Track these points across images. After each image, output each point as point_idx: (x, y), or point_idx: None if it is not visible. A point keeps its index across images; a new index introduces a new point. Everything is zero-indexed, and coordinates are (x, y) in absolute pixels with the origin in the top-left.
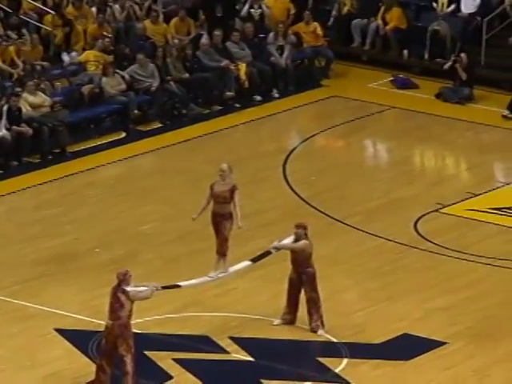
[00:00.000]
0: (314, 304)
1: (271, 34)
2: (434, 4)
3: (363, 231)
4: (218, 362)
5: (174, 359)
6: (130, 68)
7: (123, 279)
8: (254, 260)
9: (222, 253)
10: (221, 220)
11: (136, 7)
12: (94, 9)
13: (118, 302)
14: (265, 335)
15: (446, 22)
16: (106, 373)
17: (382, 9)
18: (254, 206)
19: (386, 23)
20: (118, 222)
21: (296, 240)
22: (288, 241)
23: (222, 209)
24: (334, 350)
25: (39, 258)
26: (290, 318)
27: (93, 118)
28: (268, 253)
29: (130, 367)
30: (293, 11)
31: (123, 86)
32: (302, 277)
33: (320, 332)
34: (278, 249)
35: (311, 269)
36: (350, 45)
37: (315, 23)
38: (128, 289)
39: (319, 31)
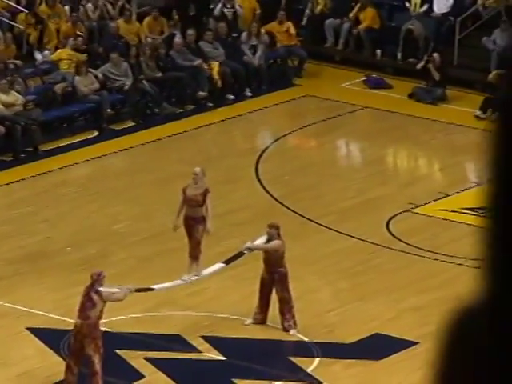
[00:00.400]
0: (285, 304)
1: (244, 34)
2: (407, 4)
3: (336, 231)
4: (190, 361)
5: (146, 358)
6: (103, 67)
7: (97, 279)
8: (227, 262)
9: (194, 256)
10: (193, 224)
11: (109, 6)
12: (67, 7)
13: (91, 301)
14: (237, 334)
15: (419, 22)
16: (74, 373)
17: (356, 8)
18: (226, 205)
19: (358, 22)
20: (90, 221)
21: (269, 240)
22: (261, 241)
23: (195, 212)
24: (305, 349)
25: (11, 256)
26: (261, 317)
27: (66, 117)
28: (241, 254)
29: (98, 367)
30: (258, 11)
31: (96, 85)
32: (274, 276)
33: (292, 332)
34: (251, 249)
35: (283, 269)
36: (323, 44)
37: (288, 23)
38: (101, 289)
39: (292, 31)
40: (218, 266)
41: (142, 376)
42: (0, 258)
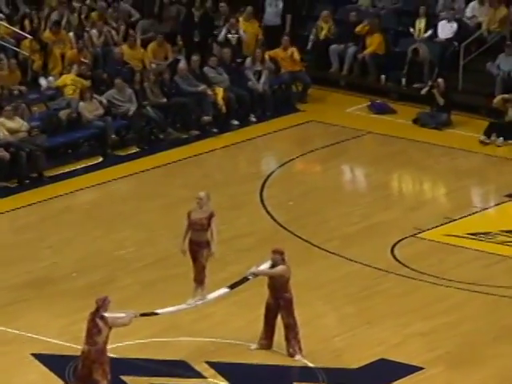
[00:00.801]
0: (291, 330)
1: (248, 59)
2: (412, 29)
3: (341, 256)
4: None
5: None
6: (107, 93)
7: (102, 305)
8: (232, 287)
9: (199, 280)
10: (198, 248)
11: (113, 32)
12: (71, 34)
13: (96, 327)
14: (242, 360)
15: (424, 47)
16: None
17: (363, 28)
18: (231, 231)
19: (364, 47)
20: (95, 247)
21: (273, 265)
22: (265, 266)
23: (199, 236)
24: (311, 375)
25: (16, 282)
26: (266, 342)
27: (70, 143)
28: (245, 279)
29: None
30: (261, 36)
31: (101, 111)
32: (279, 302)
33: (297, 357)
34: (255, 275)
35: (288, 294)
36: (328, 70)
37: (293, 48)
38: (106, 315)
39: (296, 56)
40: (223, 290)
41: None
42: (5, 284)
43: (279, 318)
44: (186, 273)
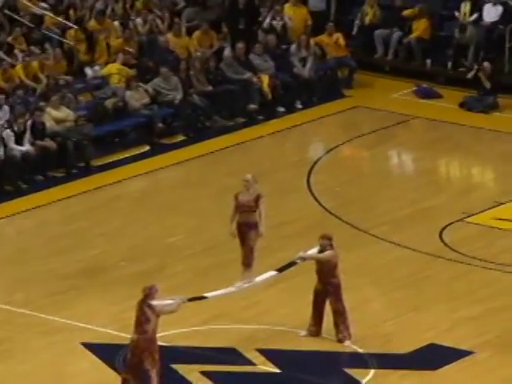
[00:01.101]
0: (339, 315)
1: (294, 46)
2: (457, 13)
3: (389, 241)
4: (245, 374)
5: (202, 372)
6: (153, 81)
7: (149, 293)
8: (280, 270)
9: (247, 263)
10: (246, 230)
11: (158, 20)
12: (116, 23)
13: (144, 316)
14: (291, 347)
15: (470, 31)
16: None
17: (411, 12)
18: (278, 217)
19: (409, 32)
20: (145, 235)
21: (321, 251)
22: (313, 252)
23: (247, 218)
24: (361, 360)
25: (67, 271)
26: (315, 329)
27: (117, 132)
28: (293, 263)
29: (155, 382)
30: (310, 22)
31: (147, 100)
32: (328, 288)
33: (347, 343)
34: (303, 259)
35: (336, 279)
36: (373, 55)
37: (338, 34)
38: (154, 303)
39: (341, 42)
40: (271, 273)
41: None
42: (55, 273)
43: (328, 304)
44: (237, 259)
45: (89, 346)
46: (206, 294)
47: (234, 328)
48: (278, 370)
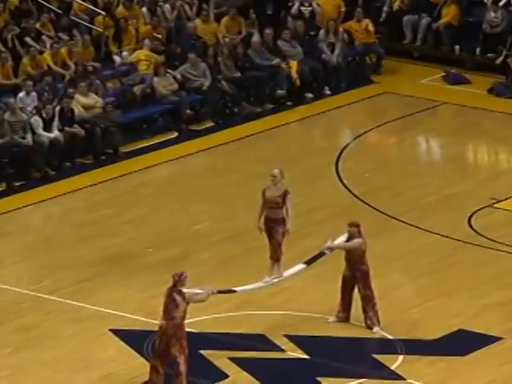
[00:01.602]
0: (368, 301)
1: (322, 32)
2: None
3: (417, 227)
4: (274, 360)
5: (230, 358)
6: (181, 67)
7: (179, 280)
8: (308, 262)
9: (275, 258)
10: (273, 225)
11: (186, 7)
12: (144, 9)
13: (174, 302)
14: (320, 333)
15: (499, 16)
16: (160, 373)
17: (440, 3)
18: (307, 203)
19: (438, 18)
20: (171, 222)
21: (349, 238)
22: (341, 239)
23: (275, 214)
24: (389, 346)
25: (94, 258)
26: (344, 315)
27: (145, 118)
28: (322, 254)
29: (183, 368)
30: (343, 8)
31: (175, 86)
32: (356, 274)
33: (375, 329)
34: (331, 249)
35: (365, 266)
36: (402, 41)
37: (367, 20)
38: (184, 290)
39: (371, 28)
40: (299, 267)
41: (226, 376)
42: (82, 261)
43: (356, 290)
44: (263, 247)
45: (117, 333)
46: (235, 288)
47: (263, 314)
48: (306, 356)
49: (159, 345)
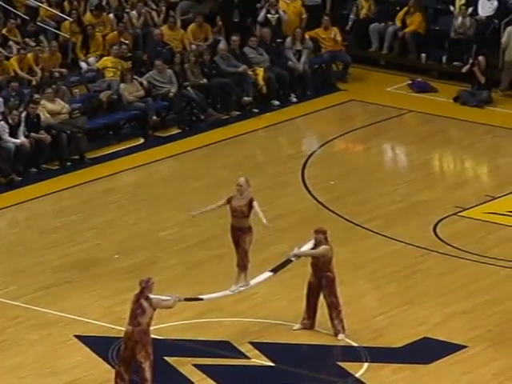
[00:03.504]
0: (334, 308)
1: (288, 39)
2: (452, 7)
3: (382, 235)
4: (239, 367)
5: (195, 365)
6: (147, 74)
7: (146, 286)
8: (275, 270)
9: (242, 266)
10: (240, 234)
11: (153, 13)
12: (111, 15)
13: (140, 308)
14: (285, 340)
15: (464, 25)
16: (125, 380)
17: (403, 11)
18: (273, 211)
19: (404, 26)
20: (137, 228)
21: (316, 245)
22: (308, 246)
23: (241, 223)
24: (354, 354)
25: (60, 264)
26: (309, 322)
27: (111, 125)
28: (288, 261)
29: (148, 374)
30: (305, 16)
31: (141, 92)
32: (322, 281)
33: (340, 336)
34: (298, 256)
35: (330, 273)
36: (368, 49)
37: (335, 28)
38: (151, 296)
39: (338, 38)
40: (266, 275)
41: (190, 382)
42: (48, 266)
43: (322, 297)
44: (229, 253)
45: (82, 339)
46: (201, 296)
47: (228, 321)
48: (271, 364)
49: (124, 351)
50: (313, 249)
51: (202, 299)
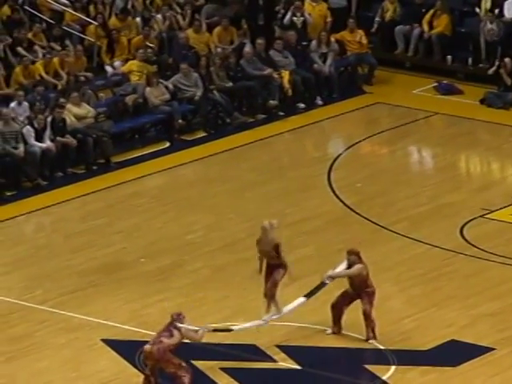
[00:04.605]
0: (367, 315)
1: (314, 42)
2: (477, 9)
3: (409, 238)
4: (266, 370)
5: (222, 368)
6: (173, 78)
7: (177, 319)
8: (308, 295)
9: (270, 295)
10: (273, 268)
11: (179, 17)
12: (138, 19)
13: (169, 331)
14: (312, 343)
15: (490, 27)
16: (151, 382)
17: (430, 13)
18: (299, 213)
19: (430, 28)
20: (164, 232)
21: (349, 266)
22: (341, 267)
23: (273, 260)
24: (381, 357)
25: (86, 268)
26: (336, 328)
27: (137, 128)
28: (323, 284)
29: (186, 380)
30: (329, 19)
31: (167, 96)
32: (362, 295)
33: (371, 341)
34: (332, 278)
35: (371, 288)
36: (394, 51)
37: (360, 31)
38: (181, 325)
39: (364, 41)
40: (300, 300)
41: None
42: (74, 270)
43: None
44: (255, 257)
45: (108, 343)
46: (232, 327)
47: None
48: (298, 367)
49: (147, 369)
50: (347, 269)
51: (231, 330)
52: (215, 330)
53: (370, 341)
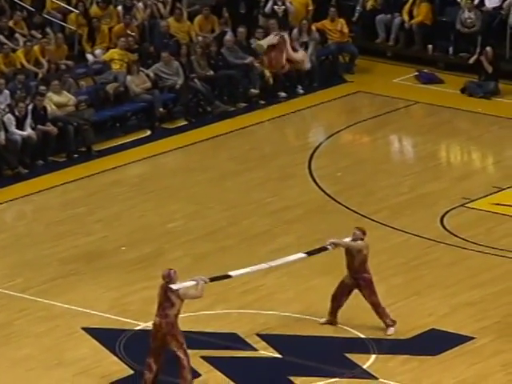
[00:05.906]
0: (378, 306)
1: (295, 31)
2: None
3: (389, 227)
4: (246, 359)
5: (202, 357)
6: (154, 66)
7: (169, 280)
8: (309, 253)
9: None
10: None
11: (160, 5)
12: (119, 8)
13: (169, 301)
14: (292, 332)
15: (471, 16)
16: (153, 370)
17: (410, 2)
18: (280, 202)
19: (411, 17)
20: (144, 220)
21: (353, 240)
22: (346, 240)
23: None
24: (361, 345)
25: (66, 256)
26: (332, 318)
27: (118, 117)
28: (324, 248)
29: (185, 361)
30: (311, 7)
31: (148, 84)
32: (360, 283)
33: (390, 331)
34: (335, 244)
35: (367, 274)
36: (375, 40)
37: (341, 20)
38: (176, 287)
39: (345, 30)
40: (299, 255)
41: (198, 374)
42: (55, 258)
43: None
44: (236, 245)
45: (89, 331)
46: (230, 273)
47: (235, 313)
48: (279, 355)
49: (153, 342)
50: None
51: (230, 276)
52: (213, 280)
53: (390, 330)
